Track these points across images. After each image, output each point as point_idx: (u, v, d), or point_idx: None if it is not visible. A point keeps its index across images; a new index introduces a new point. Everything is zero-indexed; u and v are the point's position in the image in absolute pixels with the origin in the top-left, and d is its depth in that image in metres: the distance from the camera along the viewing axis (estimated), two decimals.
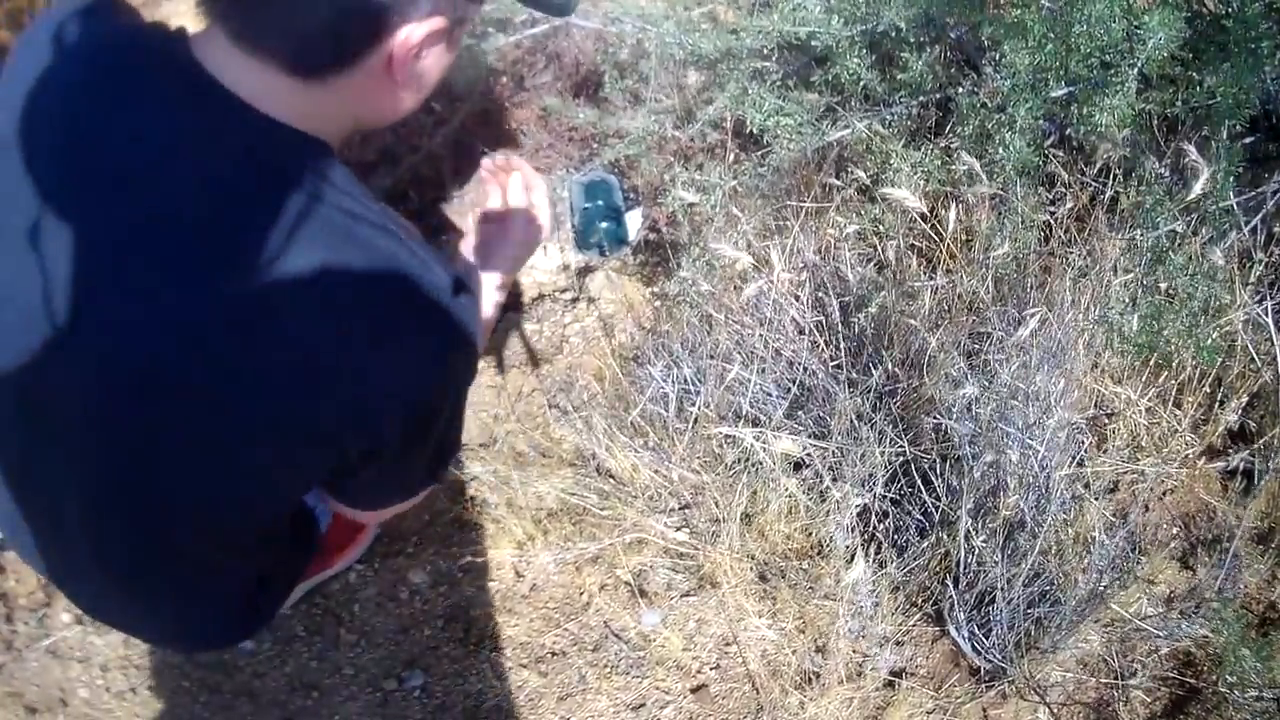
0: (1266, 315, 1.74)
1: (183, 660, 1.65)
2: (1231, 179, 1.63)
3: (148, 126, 0.93)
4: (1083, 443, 1.75)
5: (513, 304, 2.18)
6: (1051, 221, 1.87)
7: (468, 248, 1.47)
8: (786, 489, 1.70)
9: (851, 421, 1.69)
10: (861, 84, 1.89)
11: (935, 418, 1.68)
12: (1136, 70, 1.60)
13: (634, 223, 2.18)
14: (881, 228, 1.88)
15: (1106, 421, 1.83)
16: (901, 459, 1.71)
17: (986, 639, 1.63)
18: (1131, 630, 1.65)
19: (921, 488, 1.69)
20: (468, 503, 1.85)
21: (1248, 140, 1.77)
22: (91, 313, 0.94)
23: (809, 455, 1.71)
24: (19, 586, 1.71)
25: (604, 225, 2.14)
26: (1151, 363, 1.81)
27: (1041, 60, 1.66)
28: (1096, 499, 1.72)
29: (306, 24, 0.88)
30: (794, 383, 1.79)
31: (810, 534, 1.76)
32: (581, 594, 1.77)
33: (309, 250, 0.91)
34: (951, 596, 1.64)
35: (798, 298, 1.85)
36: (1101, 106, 1.63)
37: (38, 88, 0.98)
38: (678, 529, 1.80)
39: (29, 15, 2.44)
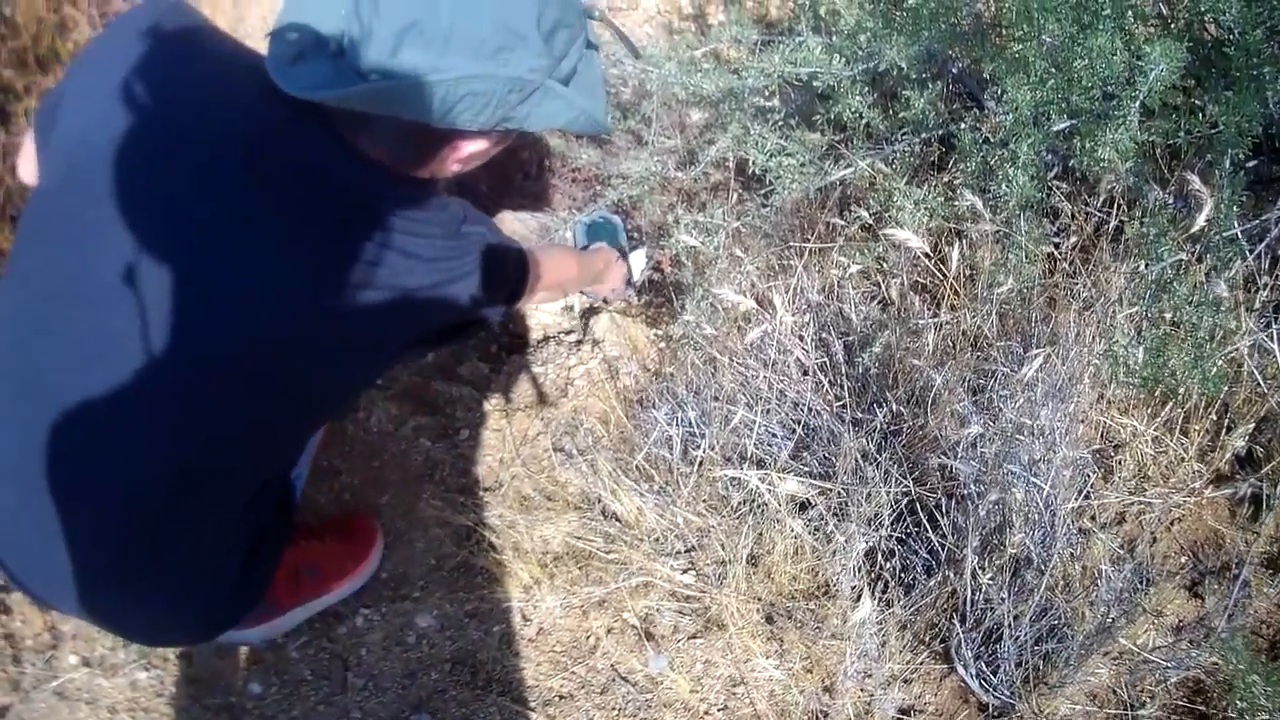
0: (1272, 340, 1.81)
1: (190, 703, 1.75)
2: (1235, 208, 1.71)
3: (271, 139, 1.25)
4: (1089, 476, 1.84)
5: (518, 347, 2.30)
6: (1056, 254, 1.97)
7: None
8: (792, 530, 1.80)
9: (856, 461, 1.79)
10: (864, 122, 1.99)
11: (940, 456, 1.78)
12: (1139, 102, 1.69)
13: (638, 263, 2.29)
14: (885, 266, 1.98)
15: (1113, 453, 1.92)
16: (907, 498, 1.81)
17: (994, 675, 1.71)
18: (1140, 662, 1.74)
19: (927, 526, 1.77)
20: (474, 547, 1.95)
21: (1251, 164, 1.85)
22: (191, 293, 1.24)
23: (814, 496, 1.81)
24: (25, 628, 1.82)
25: None
26: (1158, 392, 1.89)
27: (1043, 95, 1.76)
28: (1103, 531, 1.82)
29: (395, 140, 1.28)
30: (798, 424, 1.89)
31: (817, 574, 1.86)
32: (588, 637, 1.86)
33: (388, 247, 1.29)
34: (959, 634, 1.73)
35: (802, 338, 1.95)
36: (1103, 141, 1.72)
37: (147, 90, 1.26)
38: (684, 571, 1.90)
39: (33, 55, 2.59)
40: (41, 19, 2.64)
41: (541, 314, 2.29)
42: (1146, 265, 1.79)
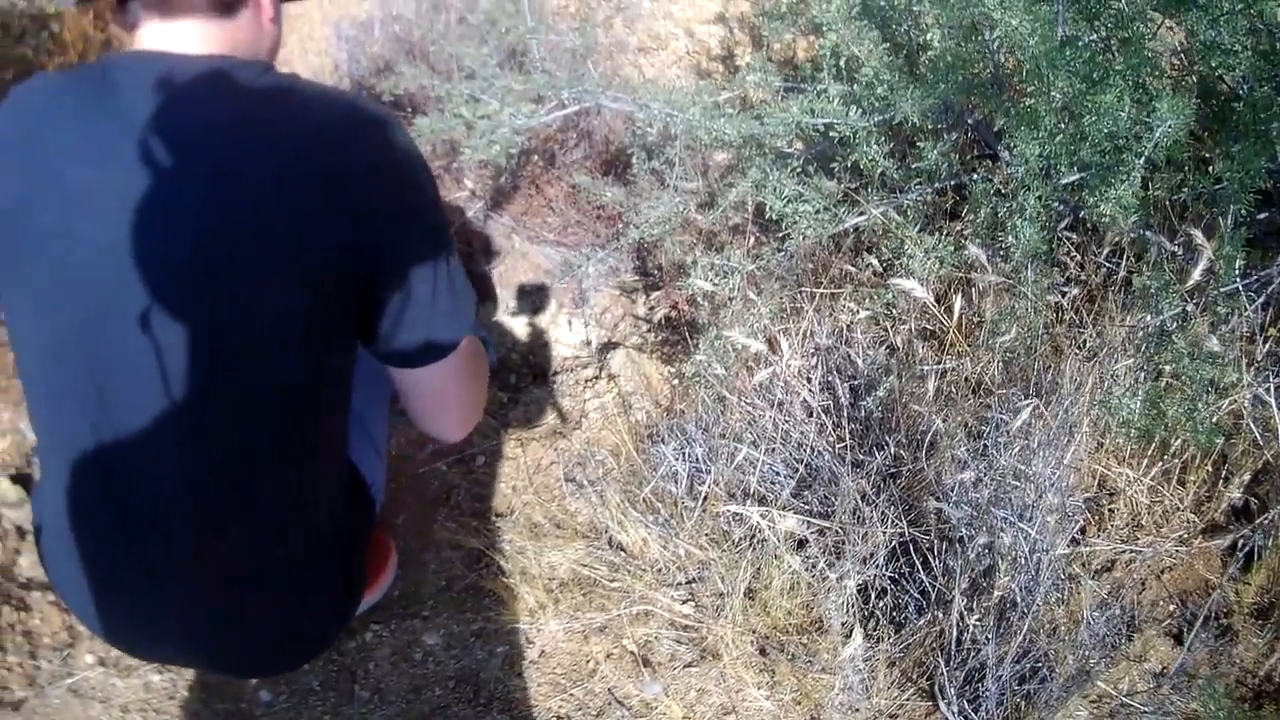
0: (1270, 394, 1.91)
1: (201, 707, 1.93)
2: (1237, 263, 1.81)
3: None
4: (1081, 523, 2.00)
5: (536, 378, 2.50)
6: (1063, 303, 2.12)
7: None
8: (790, 566, 1.97)
9: (855, 502, 1.96)
10: (880, 171, 2.17)
11: (936, 500, 1.94)
12: (1144, 159, 1.82)
13: None
14: (894, 312, 2.16)
15: (1108, 500, 2.08)
16: (902, 539, 1.98)
17: (976, 714, 1.88)
18: (1118, 706, 1.89)
19: (919, 567, 1.94)
20: (483, 570, 2.15)
21: (1263, 215, 1.98)
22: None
23: (813, 534, 1.99)
24: (44, 625, 2.01)
25: None
26: (1155, 442, 2.04)
27: (1051, 149, 1.90)
28: (1094, 578, 1.97)
29: None
30: (801, 463, 2.07)
31: (811, 610, 2.02)
32: (588, 662, 2.04)
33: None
34: (943, 672, 1.89)
35: (809, 380, 2.13)
36: (1107, 197, 1.87)
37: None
38: (684, 602, 2.08)
39: (37, 68, 2.82)
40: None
41: (560, 346, 2.49)
42: (1150, 317, 1.94)
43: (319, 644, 1.78)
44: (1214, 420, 1.88)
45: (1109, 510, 2.05)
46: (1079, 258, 2.15)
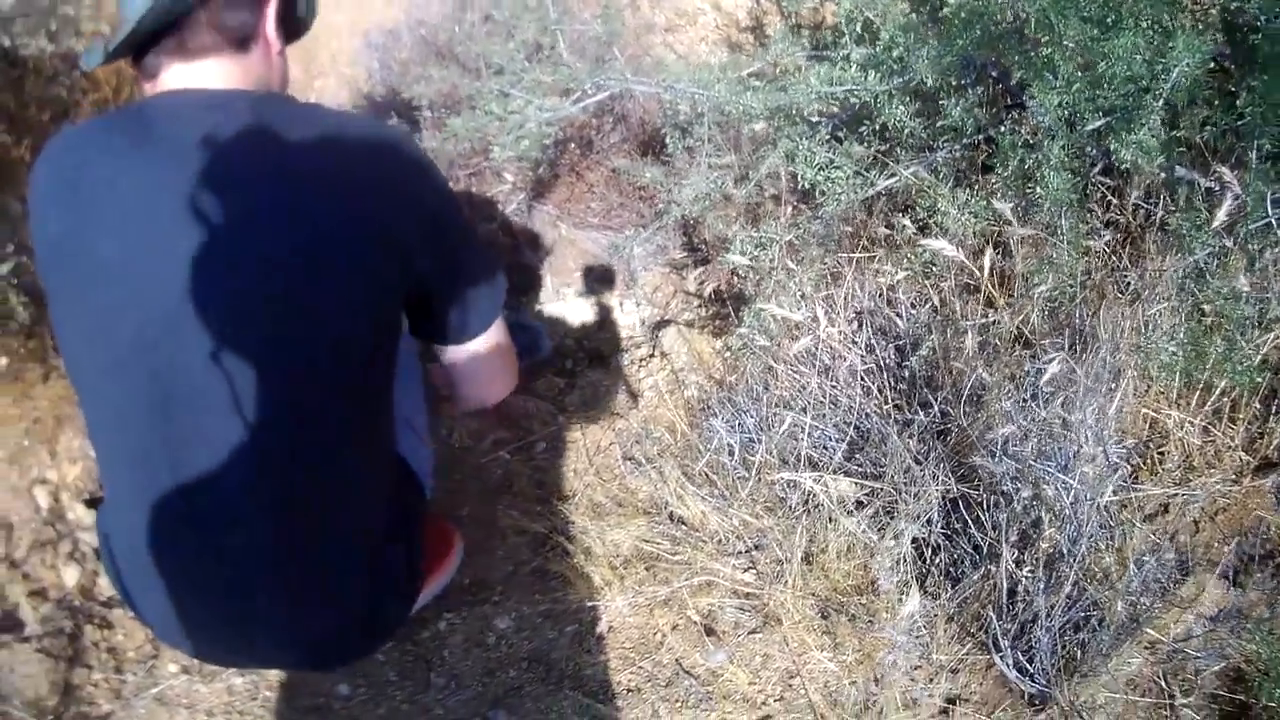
0: None
1: (283, 706, 2.03)
2: (1266, 197, 1.84)
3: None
4: (1130, 468, 2.02)
5: (591, 361, 2.57)
6: (1101, 247, 2.13)
7: None
8: (845, 529, 2.03)
9: (906, 462, 2.00)
10: (907, 131, 2.19)
11: (982, 455, 1.98)
12: (1162, 100, 1.83)
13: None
14: (933, 270, 2.18)
15: (1159, 443, 2.09)
16: (952, 495, 2.01)
17: (1030, 664, 1.92)
18: (1172, 651, 1.91)
19: (970, 522, 1.98)
20: (548, 553, 2.23)
21: None
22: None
23: (866, 496, 2.03)
24: (127, 641, 2.12)
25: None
26: (1200, 383, 2.05)
27: (1069, 98, 1.91)
28: (1147, 522, 1.99)
29: (231, 17, 1.51)
30: (851, 426, 2.11)
31: (869, 570, 2.07)
32: (655, 634, 2.11)
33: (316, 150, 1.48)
34: (995, 625, 1.93)
35: (855, 343, 2.17)
36: (1127, 142, 1.88)
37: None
38: (744, 570, 2.14)
39: (114, 107, 2.89)
40: (121, 71, 2.96)
41: (617, 327, 2.56)
42: (1183, 257, 1.94)
43: (392, 627, 1.88)
44: (1259, 357, 1.88)
45: (1159, 454, 2.07)
46: (1115, 201, 2.15)
